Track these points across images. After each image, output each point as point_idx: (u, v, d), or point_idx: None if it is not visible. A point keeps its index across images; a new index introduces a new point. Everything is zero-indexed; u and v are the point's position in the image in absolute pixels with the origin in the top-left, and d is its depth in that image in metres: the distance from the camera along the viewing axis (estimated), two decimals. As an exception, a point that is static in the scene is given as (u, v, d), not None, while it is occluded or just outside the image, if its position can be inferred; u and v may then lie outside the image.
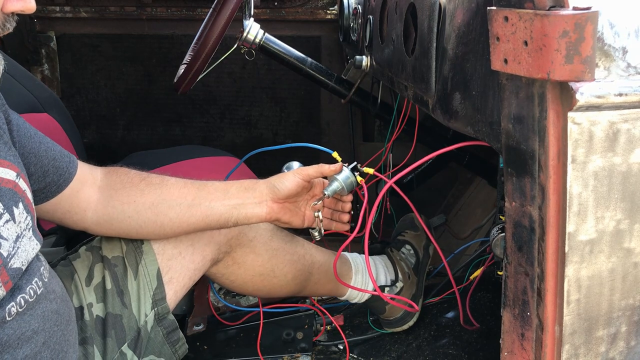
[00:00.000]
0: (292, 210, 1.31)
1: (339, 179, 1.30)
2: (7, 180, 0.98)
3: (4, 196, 0.96)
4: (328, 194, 1.30)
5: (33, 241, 1.02)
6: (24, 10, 0.86)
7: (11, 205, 0.97)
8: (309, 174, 1.29)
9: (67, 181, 1.18)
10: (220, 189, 1.27)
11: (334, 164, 1.31)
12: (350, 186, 1.31)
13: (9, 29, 0.86)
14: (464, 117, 0.99)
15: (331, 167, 1.31)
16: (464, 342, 1.57)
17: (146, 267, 1.27)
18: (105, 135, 2.70)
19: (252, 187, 1.28)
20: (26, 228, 1.01)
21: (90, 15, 2.48)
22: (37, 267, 1.04)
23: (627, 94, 0.81)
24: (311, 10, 2.41)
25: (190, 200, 1.24)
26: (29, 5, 0.86)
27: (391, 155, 1.86)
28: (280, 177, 1.29)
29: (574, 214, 0.83)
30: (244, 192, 1.27)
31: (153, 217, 1.24)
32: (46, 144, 1.16)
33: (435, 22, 1.06)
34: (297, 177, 1.28)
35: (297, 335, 1.61)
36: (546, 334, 0.88)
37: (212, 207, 1.25)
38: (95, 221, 1.23)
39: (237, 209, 1.26)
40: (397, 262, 1.66)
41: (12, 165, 1.01)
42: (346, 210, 1.37)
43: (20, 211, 1.00)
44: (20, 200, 1.00)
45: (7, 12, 0.85)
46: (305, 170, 1.29)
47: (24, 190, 1.02)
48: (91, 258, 1.28)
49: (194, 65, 1.60)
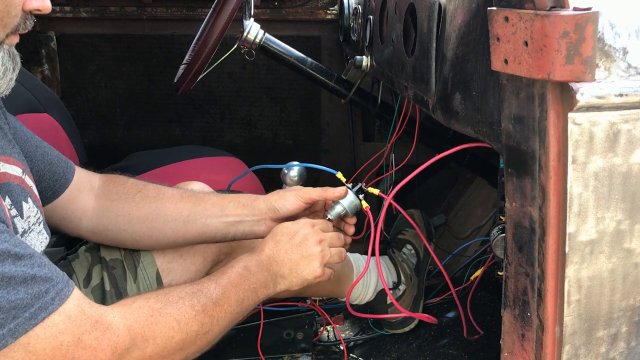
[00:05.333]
0: None
1: (342, 204, 1.26)
2: (14, 176, 0.98)
3: (13, 191, 0.96)
4: (331, 217, 1.26)
5: (42, 235, 1.03)
6: (41, 9, 0.90)
7: (20, 201, 0.98)
8: (312, 197, 1.25)
9: (62, 187, 1.17)
10: (217, 204, 1.24)
11: (338, 188, 1.26)
12: (354, 210, 1.28)
13: (28, 27, 0.91)
14: (464, 117, 0.99)
15: (335, 191, 1.25)
16: (464, 343, 1.57)
17: (144, 269, 1.26)
18: (105, 135, 2.70)
19: (251, 205, 1.25)
20: (36, 222, 1.01)
21: (90, 15, 2.47)
22: None
23: (628, 94, 0.81)
24: (311, 10, 2.41)
25: (185, 216, 1.22)
26: (46, 4, 0.90)
27: (393, 155, 1.85)
28: (281, 197, 1.25)
29: (574, 215, 0.83)
30: (242, 209, 1.24)
31: (148, 232, 1.23)
32: (43, 148, 1.15)
33: (435, 22, 1.06)
34: (298, 200, 1.24)
35: (297, 336, 1.61)
36: (546, 335, 0.88)
37: (208, 224, 1.23)
38: (91, 230, 1.23)
39: (234, 226, 1.24)
40: (399, 263, 1.66)
41: (17, 162, 1.01)
42: (349, 234, 1.31)
43: (30, 206, 1.00)
44: (29, 196, 1.00)
45: (27, 9, 0.89)
46: (308, 193, 1.25)
47: (30, 186, 1.02)
48: (90, 259, 1.28)
49: (194, 65, 1.60)
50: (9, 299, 0.78)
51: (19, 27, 0.90)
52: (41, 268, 0.83)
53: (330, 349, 1.65)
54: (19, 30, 0.90)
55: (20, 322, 0.79)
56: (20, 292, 0.79)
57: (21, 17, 0.89)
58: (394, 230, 1.82)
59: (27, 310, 0.80)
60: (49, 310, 0.82)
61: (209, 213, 1.23)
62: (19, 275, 0.80)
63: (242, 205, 1.25)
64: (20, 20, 0.89)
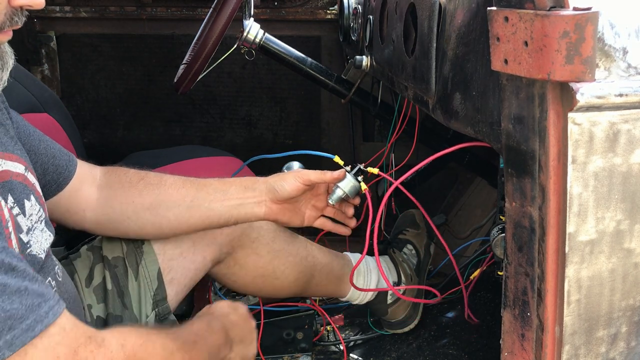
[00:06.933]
0: (292, 211, 1.30)
1: (341, 187, 1.27)
2: (17, 174, 0.98)
3: (15, 189, 0.96)
4: (332, 202, 1.28)
5: (46, 232, 1.02)
6: (31, 5, 0.85)
7: (22, 199, 0.97)
8: (310, 179, 1.25)
9: (66, 180, 1.18)
10: (219, 189, 1.25)
11: (336, 172, 1.27)
12: (354, 192, 1.29)
13: (17, 23, 0.86)
14: (464, 117, 0.99)
15: (334, 174, 1.26)
16: (464, 343, 1.57)
17: (146, 267, 1.27)
18: (105, 135, 2.70)
19: (252, 187, 1.26)
20: (38, 220, 1.01)
21: (90, 15, 2.47)
22: (52, 266, 1.04)
23: (628, 94, 0.81)
24: (311, 10, 2.41)
25: (189, 201, 1.23)
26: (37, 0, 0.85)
27: (393, 154, 1.86)
28: (280, 179, 1.26)
29: (574, 215, 0.83)
30: (243, 191, 1.25)
31: (152, 218, 1.23)
32: (45, 142, 1.15)
33: (435, 22, 1.06)
34: (297, 182, 1.25)
35: (297, 336, 1.61)
36: (546, 335, 0.88)
37: (212, 208, 1.24)
38: (95, 221, 1.23)
39: (236, 209, 1.25)
40: (399, 263, 1.66)
41: (20, 159, 1.01)
42: (349, 215, 1.33)
43: (32, 204, 0.99)
44: (32, 193, 1.00)
45: (14, 5, 0.84)
46: (307, 174, 1.26)
47: (33, 183, 1.02)
48: (92, 258, 1.28)
49: (194, 65, 1.60)
50: (4, 307, 0.77)
51: (4, 25, 0.84)
52: (33, 282, 0.82)
53: (330, 349, 1.65)
54: (4, 28, 0.85)
55: (17, 333, 0.77)
56: (14, 302, 0.78)
57: (6, 14, 0.84)
58: (394, 230, 1.82)
59: (23, 321, 0.78)
60: (44, 322, 0.80)
61: (212, 197, 1.24)
62: (13, 285, 0.78)
63: (244, 187, 1.26)
64: (6, 18, 0.84)
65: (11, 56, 0.90)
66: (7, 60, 0.89)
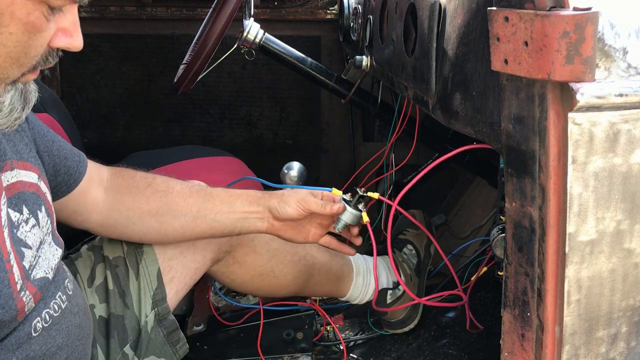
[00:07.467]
0: (295, 228, 1.30)
1: (343, 219, 1.28)
2: (29, 184, 0.97)
3: (29, 200, 0.95)
4: (337, 230, 1.30)
5: (53, 247, 1.01)
6: (69, 47, 0.83)
7: (35, 210, 0.97)
8: (311, 209, 1.25)
9: (77, 181, 1.17)
10: (226, 201, 1.25)
11: (336, 205, 1.26)
12: (357, 220, 1.29)
13: (50, 63, 0.83)
14: (464, 117, 0.99)
15: (333, 208, 1.25)
16: (464, 343, 1.57)
17: (146, 267, 1.27)
18: (105, 135, 2.70)
19: (257, 202, 1.26)
20: (47, 233, 1.00)
21: (90, 15, 2.47)
22: (62, 279, 1.03)
23: (628, 94, 0.81)
24: (311, 10, 2.41)
25: (195, 211, 1.23)
26: (75, 43, 0.83)
27: (393, 154, 1.85)
28: (283, 200, 1.25)
29: (574, 215, 0.83)
30: (248, 205, 1.26)
31: (157, 225, 1.23)
32: (58, 142, 1.14)
33: (436, 22, 1.06)
34: (298, 208, 1.24)
35: (297, 336, 1.61)
36: (546, 335, 0.88)
37: (217, 219, 1.24)
38: (100, 223, 1.23)
39: (240, 222, 1.26)
40: (399, 263, 1.66)
41: (34, 167, 1.00)
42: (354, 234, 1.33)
43: (43, 215, 0.99)
44: (42, 204, 0.99)
45: (53, 47, 0.82)
46: (309, 204, 1.25)
47: (44, 192, 1.01)
48: (93, 258, 1.28)
49: (194, 65, 1.60)
50: None
51: (38, 65, 0.81)
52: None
53: (330, 349, 1.65)
54: (37, 68, 0.82)
55: None
56: None
57: (42, 55, 0.81)
58: (394, 231, 1.82)
59: None
60: None
61: (218, 209, 1.24)
62: None
63: (249, 202, 1.26)
64: (41, 59, 0.81)
65: (34, 95, 0.87)
66: (30, 99, 0.86)
